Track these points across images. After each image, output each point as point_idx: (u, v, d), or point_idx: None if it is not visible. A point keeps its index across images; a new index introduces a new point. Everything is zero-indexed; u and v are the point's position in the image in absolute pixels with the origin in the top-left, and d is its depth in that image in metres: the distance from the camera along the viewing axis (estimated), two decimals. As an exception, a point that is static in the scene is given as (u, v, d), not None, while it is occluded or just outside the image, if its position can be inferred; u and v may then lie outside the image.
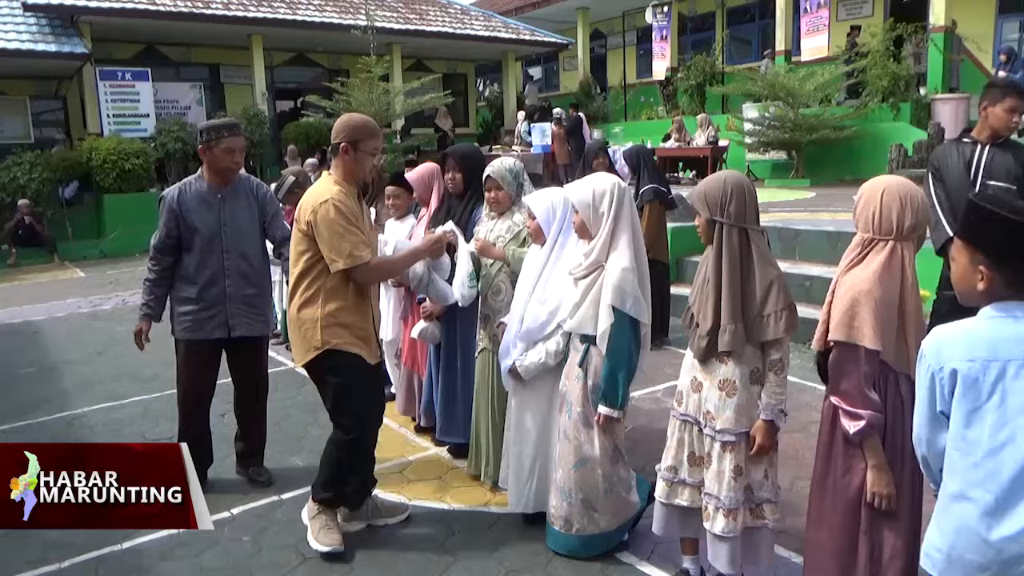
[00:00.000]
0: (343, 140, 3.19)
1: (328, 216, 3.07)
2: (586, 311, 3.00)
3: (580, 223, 3.04)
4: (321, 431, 4.77)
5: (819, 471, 2.45)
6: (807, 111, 13.44)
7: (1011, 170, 3.89)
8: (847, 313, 2.22)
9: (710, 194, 2.62)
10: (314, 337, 3.18)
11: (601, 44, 23.43)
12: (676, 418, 2.84)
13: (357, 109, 15.32)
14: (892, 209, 2.24)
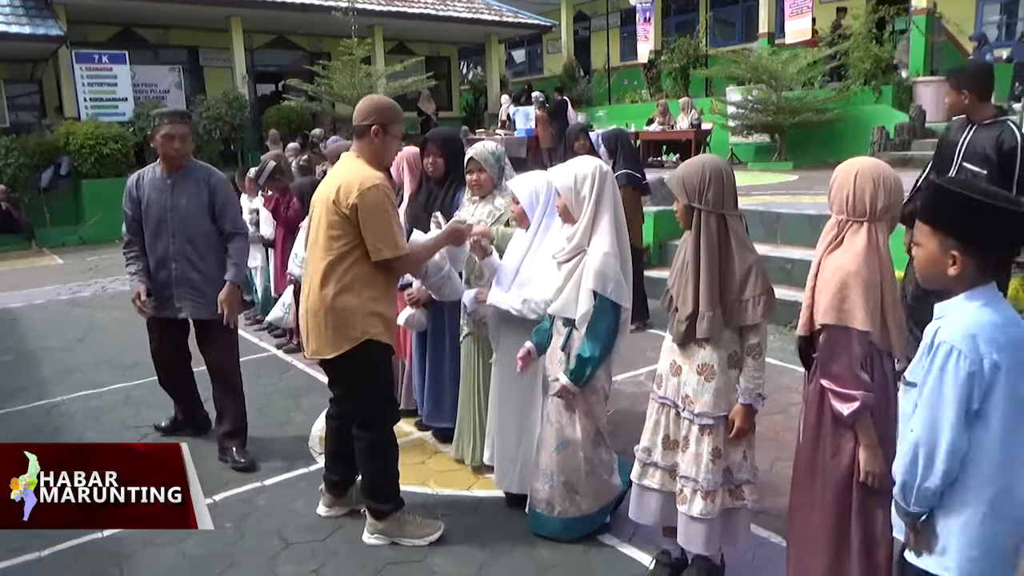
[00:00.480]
0: (374, 122, 3.08)
1: (378, 202, 2.98)
2: (568, 295, 3.01)
3: (563, 207, 3.05)
4: (304, 417, 4.78)
5: (806, 453, 2.45)
6: (790, 94, 13.45)
7: (985, 151, 3.97)
8: (837, 296, 2.22)
9: (688, 180, 2.62)
10: (353, 327, 3.05)
11: (585, 26, 23.31)
12: (655, 400, 2.86)
13: (339, 93, 15.25)
14: (865, 191, 2.25)
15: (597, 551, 3.17)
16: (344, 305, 3.03)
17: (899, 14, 13.83)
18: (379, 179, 3.02)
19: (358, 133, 3.12)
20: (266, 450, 4.33)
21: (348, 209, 2.96)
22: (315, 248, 3.12)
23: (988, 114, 4.10)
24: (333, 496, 3.51)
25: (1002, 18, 15.47)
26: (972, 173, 4.01)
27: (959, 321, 1.70)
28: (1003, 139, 3.94)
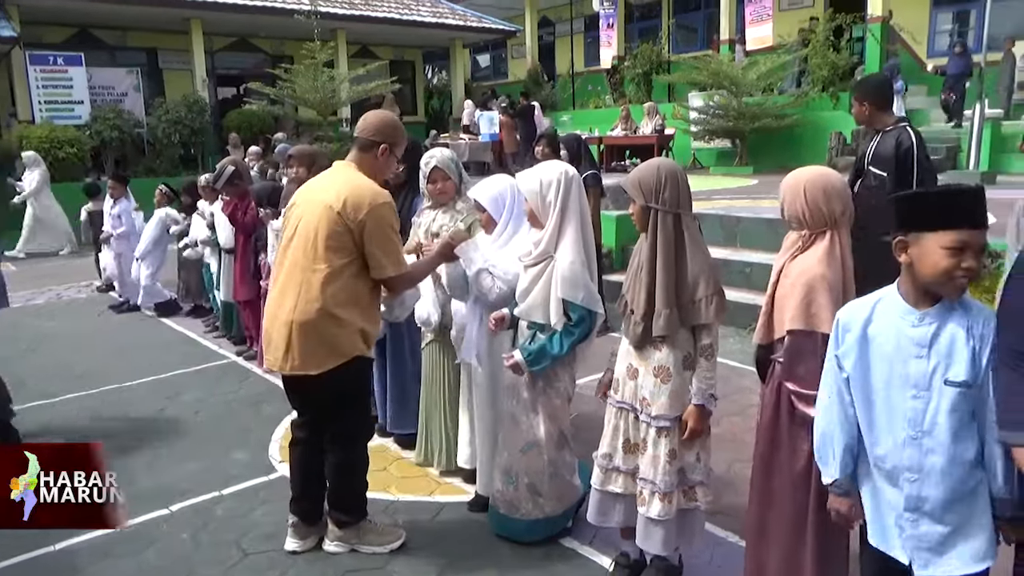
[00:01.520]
0: (383, 141, 3.08)
1: (388, 220, 2.95)
2: (535, 298, 3.01)
3: (531, 212, 3.06)
4: (264, 424, 4.72)
5: (763, 453, 2.48)
6: (750, 100, 13.66)
7: (887, 154, 4.28)
8: (804, 301, 2.25)
9: (644, 181, 2.65)
10: (343, 344, 2.95)
11: (549, 32, 23.42)
12: (613, 405, 2.87)
13: (301, 96, 15.11)
14: (819, 202, 2.29)
15: (559, 554, 3.18)
16: (339, 320, 2.92)
17: (856, 22, 14.13)
18: (387, 196, 3.00)
19: (362, 146, 3.08)
20: (227, 458, 4.26)
21: (355, 223, 2.88)
22: (306, 255, 2.94)
23: (889, 122, 4.39)
24: (306, 526, 3.27)
25: (954, 27, 15.89)
26: (876, 176, 4.34)
27: (981, 306, 1.82)
28: (900, 141, 4.25)
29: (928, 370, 1.84)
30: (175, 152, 15.76)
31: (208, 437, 4.60)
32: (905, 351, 1.88)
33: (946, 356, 1.82)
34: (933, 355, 1.84)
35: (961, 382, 1.81)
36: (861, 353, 1.94)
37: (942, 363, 1.82)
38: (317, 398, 3.12)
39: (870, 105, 4.42)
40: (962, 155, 10.76)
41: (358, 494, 3.25)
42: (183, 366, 6.10)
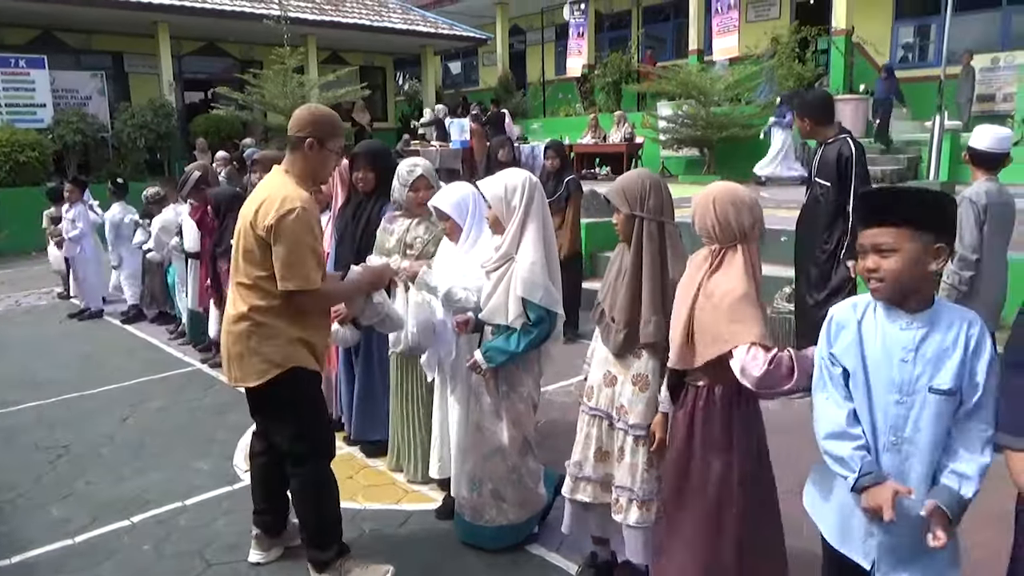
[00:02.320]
0: (309, 135, 2.80)
1: (295, 227, 2.67)
2: (497, 301, 3.02)
3: (494, 218, 3.06)
4: (229, 433, 4.66)
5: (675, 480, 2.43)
6: (718, 110, 13.83)
7: (829, 166, 4.52)
8: (730, 321, 2.20)
9: (629, 190, 2.66)
10: (276, 354, 2.79)
11: (520, 40, 23.51)
12: (586, 413, 2.87)
13: (270, 102, 14.98)
14: (729, 215, 2.27)
15: (526, 560, 3.18)
16: (268, 330, 2.78)
17: (820, 34, 14.40)
18: (301, 200, 2.72)
19: (291, 145, 2.84)
20: (189, 468, 4.20)
21: (265, 231, 2.69)
22: (234, 268, 2.89)
23: (830, 134, 4.61)
24: (269, 538, 3.22)
25: (916, 40, 16.26)
26: (820, 186, 4.55)
27: (972, 314, 1.82)
28: (841, 151, 4.48)
29: (913, 376, 1.83)
30: (140, 157, 15.52)
31: (171, 446, 4.53)
32: (892, 354, 1.86)
33: (933, 363, 1.81)
34: (919, 361, 1.82)
35: (946, 390, 1.79)
36: (857, 351, 1.92)
37: (928, 370, 1.81)
38: (261, 412, 3.04)
39: (810, 120, 4.66)
40: (923, 166, 11.00)
41: (328, 521, 3.02)
42: (146, 374, 6.00)
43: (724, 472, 2.33)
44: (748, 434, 2.38)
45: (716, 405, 2.35)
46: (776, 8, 17.61)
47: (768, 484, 2.45)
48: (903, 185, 1.92)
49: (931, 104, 11.03)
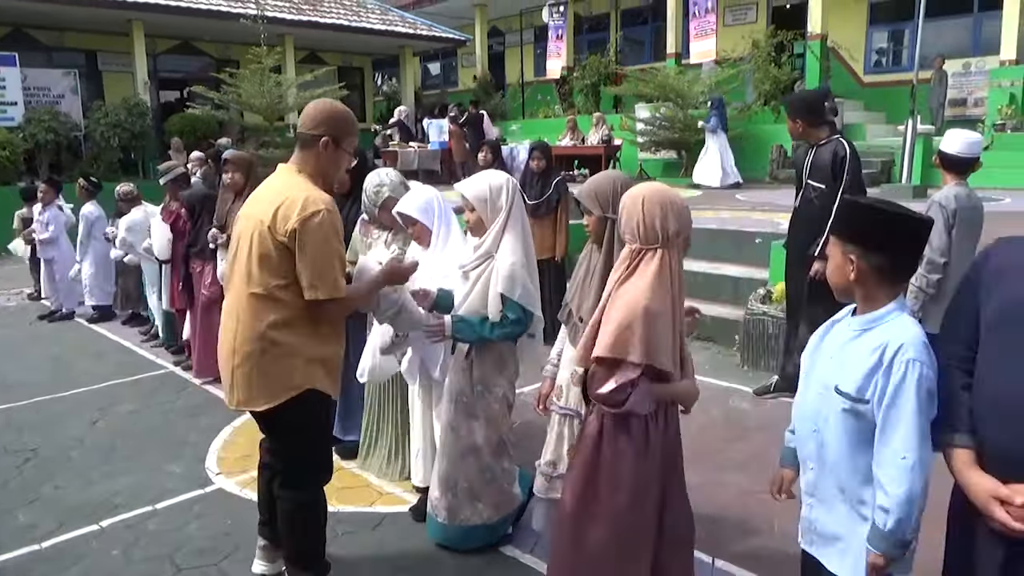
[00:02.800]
0: (324, 133, 2.63)
1: (321, 230, 2.49)
2: (475, 299, 3.02)
3: (477, 219, 3.05)
4: (202, 436, 4.61)
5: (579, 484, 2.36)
6: (696, 112, 13.92)
7: (824, 166, 4.50)
8: (618, 329, 2.15)
9: (600, 193, 2.67)
10: (292, 375, 2.59)
11: (499, 41, 23.51)
12: (556, 412, 2.89)
13: (247, 101, 14.84)
14: (655, 217, 2.20)
15: (500, 562, 3.18)
16: (283, 347, 2.56)
17: (796, 39, 14.54)
18: (325, 203, 2.54)
19: (303, 142, 2.66)
20: (160, 472, 4.15)
21: (286, 236, 2.48)
22: (241, 276, 2.61)
23: (822, 135, 4.58)
24: (275, 549, 3.05)
25: (889, 45, 16.48)
26: (814, 189, 4.45)
27: (912, 335, 1.75)
28: (836, 151, 4.46)
29: (832, 373, 1.88)
30: (114, 156, 15.32)
31: (142, 450, 4.47)
32: (828, 351, 1.94)
33: (848, 364, 1.84)
34: (838, 360, 1.88)
35: (846, 393, 1.82)
36: (816, 345, 2.02)
37: (842, 370, 1.85)
38: (270, 432, 2.85)
39: (803, 122, 4.59)
40: (896, 169, 11.14)
41: (316, 543, 2.90)
42: (118, 376, 5.93)
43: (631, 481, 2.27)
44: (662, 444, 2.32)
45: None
46: (753, 12, 17.76)
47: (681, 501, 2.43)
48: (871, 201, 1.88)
49: (904, 108, 11.18)
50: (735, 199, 10.73)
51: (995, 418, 1.61)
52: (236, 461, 4.25)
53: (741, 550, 3.20)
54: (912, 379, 1.71)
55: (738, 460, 4.04)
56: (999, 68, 12.08)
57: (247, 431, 4.66)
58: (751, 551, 3.18)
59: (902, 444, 1.72)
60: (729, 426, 4.54)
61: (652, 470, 2.29)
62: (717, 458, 4.08)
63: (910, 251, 1.82)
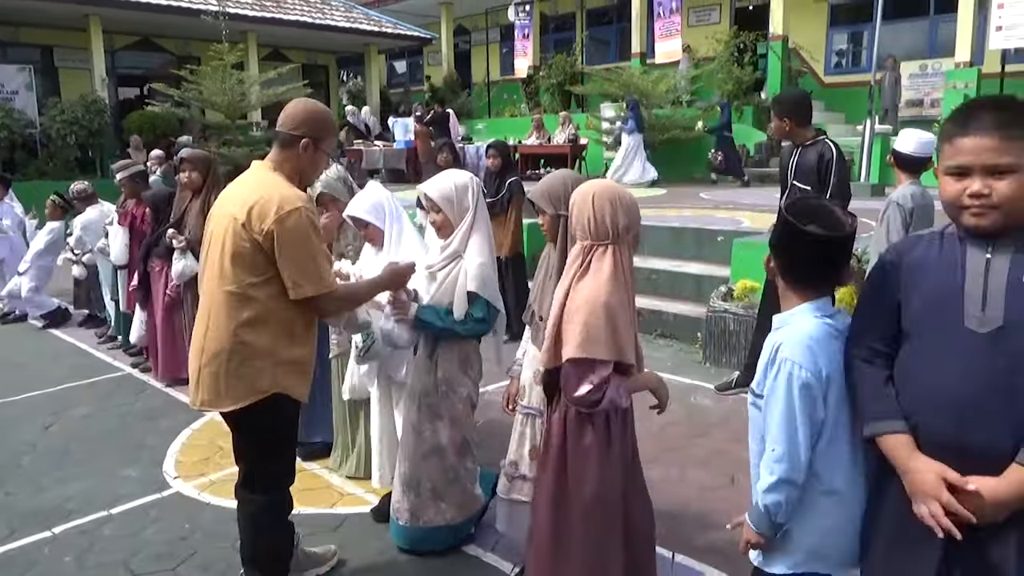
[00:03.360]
0: (305, 134, 2.60)
1: (299, 228, 2.45)
2: (442, 298, 3.01)
3: (444, 220, 3.03)
4: (160, 439, 4.53)
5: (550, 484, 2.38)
6: (660, 112, 14.03)
7: (809, 167, 4.46)
8: (584, 328, 2.17)
9: (553, 192, 2.68)
10: (261, 377, 2.52)
11: (465, 40, 23.46)
12: (520, 412, 2.89)
13: (208, 99, 14.61)
14: (605, 213, 2.22)
15: (462, 562, 3.17)
16: (253, 347, 2.51)
17: (759, 40, 14.73)
18: (302, 200, 2.52)
19: (282, 142, 2.63)
20: (116, 476, 4.06)
21: (262, 236, 2.45)
22: (214, 275, 2.56)
23: (809, 136, 4.56)
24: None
25: (849, 46, 16.78)
26: (800, 190, 4.45)
27: (795, 334, 1.79)
28: (822, 153, 4.43)
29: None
30: (71, 154, 15.00)
31: (97, 454, 4.37)
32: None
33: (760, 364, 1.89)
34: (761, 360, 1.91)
35: (752, 390, 1.90)
36: None
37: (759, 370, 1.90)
38: (234, 430, 2.75)
39: (791, 121, 4.54)
40: (855, 168, 11.34)
41: (279, 550, 2.84)
42: (73, 379, 5.79)
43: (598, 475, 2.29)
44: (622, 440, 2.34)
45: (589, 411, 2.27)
46: (717, 13, 17.96)
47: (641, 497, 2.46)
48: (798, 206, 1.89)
49: (863, 108, 11.39)
50: (698, 197, 10.83)
51: (929, 408, 1.64)
52: (195, 465, 4.18)
53: (701, 545, 3.22)
54: (783, 376, 1.76)
55: (700, 456, 4.08)
56: (954, 70, 12.35)
57: (207, 434, 4.59)
58: (711, 546, 3.20)
59: (772, 436, 1.80)
60: (691, 423, 4.58)
61: (616, 464, 2.31)
62: (679, 454, 4.11)
63: (808, 259, 1.82)
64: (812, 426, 1.78)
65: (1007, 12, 11.11)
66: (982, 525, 1.57)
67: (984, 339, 1.57)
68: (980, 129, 1.57)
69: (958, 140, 1.60)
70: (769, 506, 1.82)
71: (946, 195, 1.64)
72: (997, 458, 1.55)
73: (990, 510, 1.56)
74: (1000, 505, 1.55)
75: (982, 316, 1.58)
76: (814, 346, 1.77)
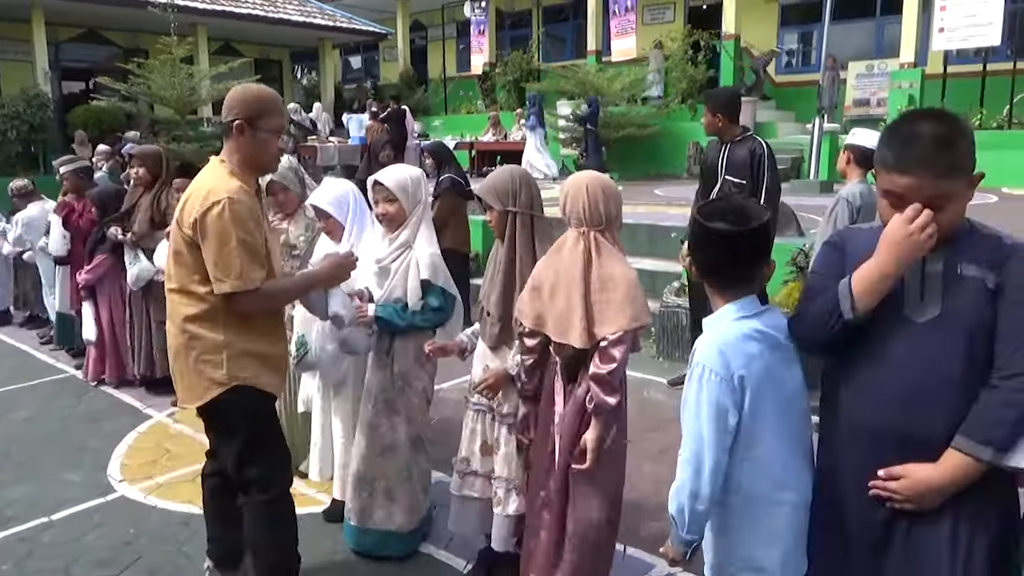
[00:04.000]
0: (236, 117, 2.50)
1: (221, 220, 2.37)
2: (396, 290, 3.00)
3: (398, 209, 3.01)
4: (103, 442, 4.42)
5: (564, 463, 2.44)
6: (615, 109, 14.13)
7: (740, 165, 4.54)
8: (629, 302, 2.30)
9: (500, 188, 2.70)
10: (216, 369, 2.47)
11: (422, 36, 23.32)
12: (471, 408, 2.89)
13: (157, 93, 14.25)
14: (598, 199, 2.38)
15: (414, 560, 3.15)
16: (203, 340, 2.47)
17: (712, 39, 14.93)
18: (228, 191, 2.41)
19: (224, 132, 2.56)
20: (57, 481, 3.94)
21: (192, 230, 2.41)
22: (166, 275, 2.60)
23: (737, 132, 4.66)
24: (222, 572, 2.90)
25: (799, 46, 17.11)
26: (733, 184, 4.53)
27: (711, 338, 1.78)
28: (754, 149, 4.52)
29: None
30: (12, 150, 14.51)
31: (38, 458, 4.24)
32: None
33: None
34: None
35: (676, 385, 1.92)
36: None
37: None
38: (211, 430, 2.71)
39: (724, 117, 4.61)
40: (805, 166, 11.57)
41: (282, 556, 2.72)
42: (13, 381, 5.61)
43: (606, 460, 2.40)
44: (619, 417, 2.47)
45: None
46: (671, 12, 18.16)
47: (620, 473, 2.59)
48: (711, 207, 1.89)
49: (813, 107, 11.62)
50: (653, 194, 10.94)
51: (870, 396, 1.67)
52: (141, 467, 4.08)
53: (652, 536, 3.25)
54: (695, 380, 1.76)
55: (652, 450, 4.11)
56: (899, 71, 12.68)
57: (154, 436, 4.49)
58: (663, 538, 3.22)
59: (683, 441, 1.80)
60: (644, 417, 4.61)
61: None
62: (632, 448, 4.11)
63: (721, 258, 1.81)
64: (722, 432, 1.74)
65: (949, 14, 11.44)
66: (920, 511, 1.62)
67: (922, 328, 1.61)
68: (915, 169, 1.55)
69: (895, 175, 1.59)
70: (674, 516, 1.82)
71: (884, 216, 1.64)
72: (935, 445, 1.60)
73: (927, 496, 1.60)
74: (936, 491, 1.59)
75: (920, 305, 1.62)
76: (726, 350, 1.74)
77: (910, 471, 1.61)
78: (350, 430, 3.33)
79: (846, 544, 1.74)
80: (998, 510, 1.64)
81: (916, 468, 1.60)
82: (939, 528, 1.62)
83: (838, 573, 1.77)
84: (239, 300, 2.44)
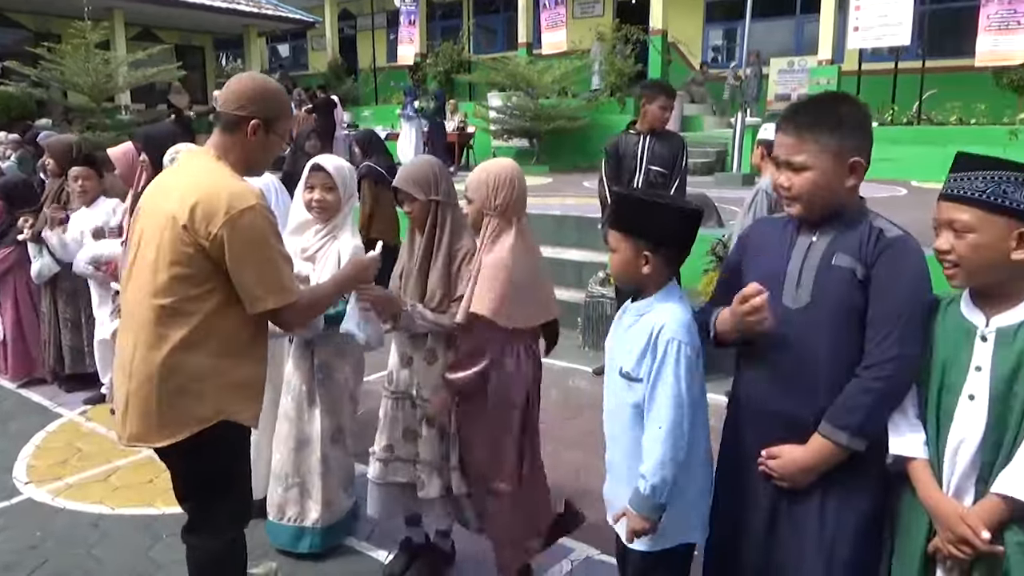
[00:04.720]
0: (254, 114, 2.17)
1: (257, 231, 2.07)
2: (319, 280, 2.94)
3: (335, 199, 3.00)
4: (9, 443, 4.26)
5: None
6: (546, 102, 14.21)
7: (666, 156, 4.69)
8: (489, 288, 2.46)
9: (421, 178, 2.69)
10: (202, 403, 2.11)
11: (351, 25, 22.96)
12: (388, 397, 2.87)
13: (70, 79, 13.69)
14: (502, 189, 2.51)
15: (336, 554, 3.12)
16: (191, 371, 2.09)
17: (640, 33, 15.15)
18: (255, 197, 2.11)
19: (225, 124, 2.20)
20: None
21: (209, 240, 2.04)
22: (143, 284, 2.12)
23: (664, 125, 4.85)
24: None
25: (723, 42, 17.54)
26: (658, 174, 4.68)
27: (674, 316, 1.86)
28: (681, 142, 4.79)
29: (618, 356, 1.97)
30: (-90, 138, 13.69)
31: (-62, 461, 4.04)
32: (617, 334, 2.03)
33: (628, 348, 1.93)
34: (621, 343, 1.97)
35: (626, 374, 1.93)
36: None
37: (624, 353, 1.94)
38: (172, 467, 2.30)
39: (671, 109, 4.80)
40: (728, 159, 11.89)
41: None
42: (-89, 382, 5.31)
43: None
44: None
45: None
46: (600, 6, 18.36)
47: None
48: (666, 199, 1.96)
49: (736, 101, 11.94)
50: (581, 186, 11.04)
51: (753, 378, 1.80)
52: (50, 468, 3.93)
53: (574, 523, 3.30)
54: (671, 357, 1.82)
55: (574, 437, 4.18)
56: (817, 67, 13.12)
57: (65, 436, 4.33)
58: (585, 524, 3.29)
59: (659, 414, 1.83)
60: (567, 405, 4.69)
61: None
62: (554, 435, 4.19)
63: (689, 239, 1.93)
64: (696, 402, 1.85)
65: (863, 14, 11.90)
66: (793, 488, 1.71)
67: (795, 314, 1.71)
68: (785, 128, 1.74)
69: (777, 135, 1.77)
70: (656, 485, 1.82)
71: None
72: (806, 427, 1.69)
73: (799, 475, 1.70)
74: (805, 471, 1.69)
75: (796, 294, 1.72)
76: (690, 327, 1.87)
77: (784, 451, 1.71)
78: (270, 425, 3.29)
79: (742, 512, 1.83)
80: (868, 492, 1.72)
81: (790, 449, 1.71)
82: (809, 506, 1.73)
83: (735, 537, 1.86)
84: (282, 316, 2.18)
